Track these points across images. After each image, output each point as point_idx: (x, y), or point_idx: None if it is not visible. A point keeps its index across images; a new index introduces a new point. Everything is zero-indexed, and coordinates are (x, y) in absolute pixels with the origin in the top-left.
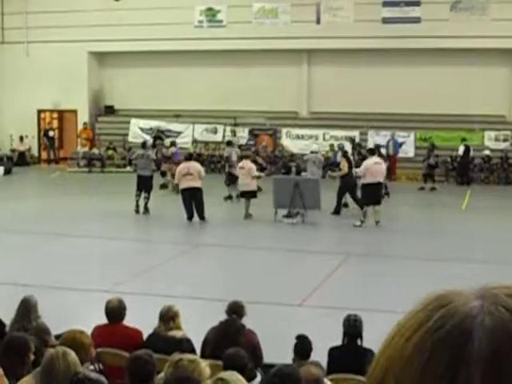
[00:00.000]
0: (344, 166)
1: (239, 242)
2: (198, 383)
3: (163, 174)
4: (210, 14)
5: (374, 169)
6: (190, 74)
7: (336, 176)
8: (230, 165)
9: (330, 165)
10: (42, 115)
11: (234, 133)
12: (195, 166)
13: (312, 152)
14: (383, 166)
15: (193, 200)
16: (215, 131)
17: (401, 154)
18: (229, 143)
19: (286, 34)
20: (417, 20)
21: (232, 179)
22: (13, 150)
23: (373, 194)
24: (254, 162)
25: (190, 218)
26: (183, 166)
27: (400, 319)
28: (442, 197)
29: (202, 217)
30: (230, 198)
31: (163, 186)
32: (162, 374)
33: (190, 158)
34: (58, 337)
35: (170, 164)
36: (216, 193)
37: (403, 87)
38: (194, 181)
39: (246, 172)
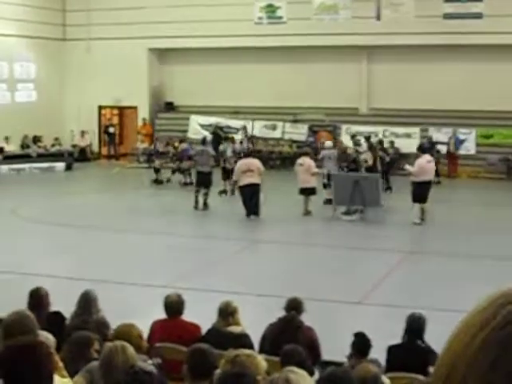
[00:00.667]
0: (369, 159)
1: (298, 238)
2: (254, 379)
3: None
4: (270, 10)
5: (426, 167)
6: (250, 70)
7: (316, 172)
8: (225, 159)
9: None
10: (103, 111)
11: (245, 129)
12: (255, 162)
13: (326, 148)
14: (433, 164)
15: (252, 196)
16: (274, 128)
17: (462, 152)
18: (226, 138)
19: (345, 30)
20: (479, 15)
21: (226, 174)
22: (74, 146)
23: (422, 192)
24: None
25: (249, 214)
26: (243, 163)
27: (465, 317)
28: (503, 194)
29: (256, 213)
30: (224, 192)
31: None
32: (218, 370)
33: (249, 154)
34: None
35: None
36: (280, 189)
37: (464, 84)
38: (254, 177)
39: (306, 169)
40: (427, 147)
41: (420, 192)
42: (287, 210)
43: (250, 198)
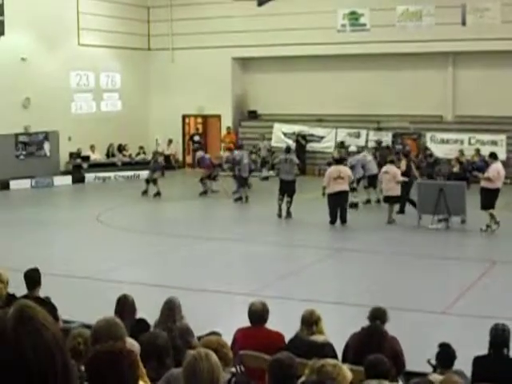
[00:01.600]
0: (403, 165)
1: (381, 247)
2: None
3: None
4: (353, 17)
5: (502, 173)
6: (333, 78)
7: (401, 181)
8: (240, 168)
9: (474, 169)
10: (187, 120)
11: (263, 136)
12: (345, 169)
13: (353, 153)
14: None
15: (340, 204)
16: (358, 135)
17: None
18: (240, 147)
19: (430, 36)
20: None
21: (242, 182)
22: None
23: (494, 199)
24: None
25: (333, 222)
26: (334, 170)
27: None
28: None
29: (344, 220)
30: (240, 199)
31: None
32: (302, 379)
33: (340, 161)
34: (200, 338)
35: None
36: (363, 197)
37: None
38: (343, 184)
39: (391, 177)
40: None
41: (491, 198)
42: (370, 218)
43: (338, 205)
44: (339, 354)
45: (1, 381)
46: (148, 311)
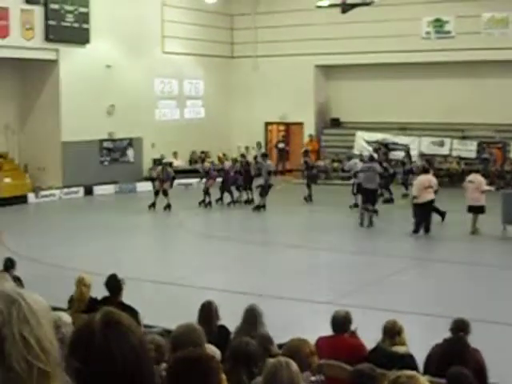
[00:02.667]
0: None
1: (465, 257)
2: None
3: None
4: (438, 25)
5: None
6: (417, 86)
7: (486, 190)
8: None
9: None
10: (269, 127)
11: (259, 145)
12: (433, 179)
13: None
14: None
15: (425, 214)
16: (442, 144)
17: None
18: (264, 155)
19: None
20: None
21: (265, 190)
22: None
23: None
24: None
25: (418, 231)
26: (425, 179)
27: None
28: None
29: (428, 229)
30: (262, 207)
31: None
32: None
33: (427, 170)
34: (280, 346)
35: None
36: (446, 207)
37: None
38: (432, 194)
39: (476, 186)
40: None
41: None
42: (454, 228)
43: (424, 214)
44: (420, 366)
45: (88, 382)
46: (227, 318)
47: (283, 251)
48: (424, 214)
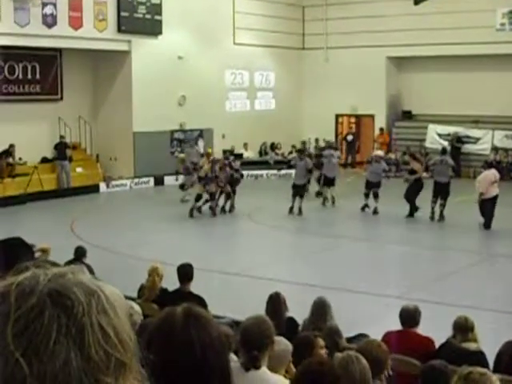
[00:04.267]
0: (419, 168)
1: None
2: None
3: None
4: None
5: None
6: (491, 78)
7: (411, 179)
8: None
9: None
10: (340, 119)
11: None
12: (497, 173)
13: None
14: None
15: (492, 208)
16: None
17: None
18: (300, 151)
19: None
20: None
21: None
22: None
23: None
24: None
25: (489, 226)
26: (491, 174)
27: None
28: None
29: (489, 225)
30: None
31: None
32: None
33: (491, 165)
34: (348, 340)
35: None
36: None
37: None
38: (497, 188)
39: None
40: None
41: None
42: None
43: (491, 209)
44: (490, 363)
45: (165, 374)
46: (297, 310)
47: (350, 244)
48: (488, 209)
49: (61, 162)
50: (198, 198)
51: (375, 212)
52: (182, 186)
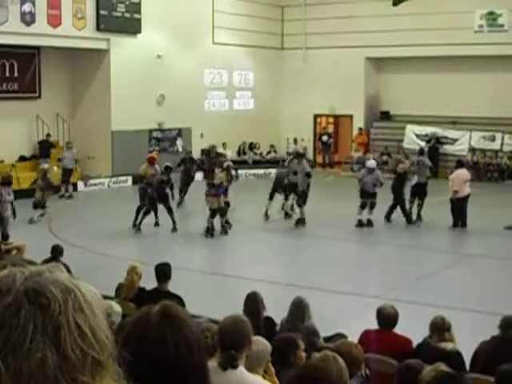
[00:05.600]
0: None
1: (509, 253)
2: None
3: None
4: (491, 18)
5: None
6: (468, 79)
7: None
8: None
9: None
10: (318, 119)
11: (295, 141)
12: (468, 172)
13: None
14: None
15: (463, 207)
16: (493, 139)
17: None
18: (299, 155)
19: None
20: None
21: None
22: (289, 153)
23: None
24: None
25: (456, 225)
26: (463, 173)
27: None
28: None
29: (464, 224)
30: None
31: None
32: None
33: (462, 164)
34: (326, 339)
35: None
36: (494, 202)
37: None
38: (468, 188)
39: None
40: None
41: None
42: (499, 224)
43: (463, 208)
44: (467, 363)
45: (141, 371)
46: (275, 310)
47: (332, 244)
48: (462, 208)
49: (44, 159)
50: (214, 213)
51: (370, 224)
52: (38, 205)
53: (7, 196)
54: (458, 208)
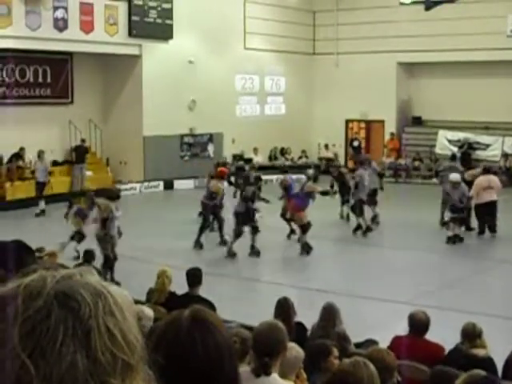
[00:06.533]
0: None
1: None
2: None
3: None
4: None
5: None
6: (501, 84)
7: None
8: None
9: None
10: (350, 125)
11: (326, 146)
12: (495, 179)
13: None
14: None
15: (490, 213)
16: None
17: None
18: (363, 162)
19: None
20: None
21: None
22: (320, 159)
23: None
24: None
25: (482, 232)
26: (483, 179)
27: None
28: None
29: (494, 230)
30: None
31: None
32: None
33: (488, 171)
34: (357, 345)
35: None
36: None
37: None
38: (492, 194)
39: None
40: None
41: None
42: None
43: (488, 215)
44: (499, 370)
45: (171, 377)
46: (306, 316)
47: (362, 250)
48: (486, 214)
49: (79, 165)
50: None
51: (461, 240)
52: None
53: (116, 212)
54: (482, 215)
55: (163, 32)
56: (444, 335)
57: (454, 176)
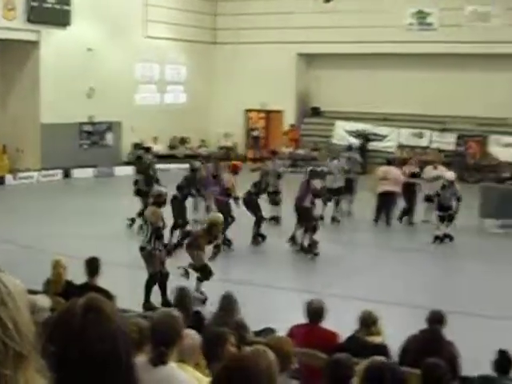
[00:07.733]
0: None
1: (438, 248)
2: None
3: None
4: (421, 16)
5: None
6: (398, 77)
7: None
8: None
9: None
10: (250, 115)
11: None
12: (394, 171)
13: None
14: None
15: (384, 205)
16: (421, 136)
17: None
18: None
19: (497, 38)
20: None
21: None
22: (221, 148)
23: None
24: None
25: (377, 221)
26: (380, 170)
27: None
28: None
29: (388, 222)
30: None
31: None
32: (354, 379)
33: (389, 163)
34: (256, 333)
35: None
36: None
37: None
38: (388, 185)
39: None
40: None
41: None
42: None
43: (384, 206)
44: (396, 356)
45: (64, 366)
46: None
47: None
48: (383, 206)
49: None
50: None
51: (451, 238)
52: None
53: None
54: (380, 204)
55: (61, 18)
56: (344, 323)
57: (450, 175)
